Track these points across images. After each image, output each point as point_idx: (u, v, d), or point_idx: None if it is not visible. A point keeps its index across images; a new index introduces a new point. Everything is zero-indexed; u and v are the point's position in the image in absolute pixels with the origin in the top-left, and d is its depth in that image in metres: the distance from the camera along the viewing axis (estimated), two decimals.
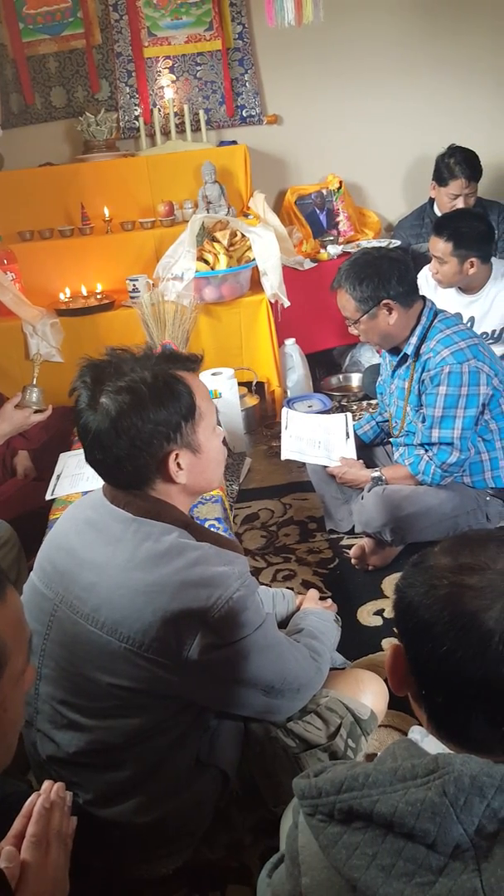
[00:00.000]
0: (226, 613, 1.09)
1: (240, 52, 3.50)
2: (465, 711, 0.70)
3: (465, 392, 2.00)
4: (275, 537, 2.44)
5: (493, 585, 0.71)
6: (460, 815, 0.64)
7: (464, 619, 0.70)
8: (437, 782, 0.65)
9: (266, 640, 1.17)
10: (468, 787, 0.64)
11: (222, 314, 3.18)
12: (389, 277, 2.01)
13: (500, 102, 3.69)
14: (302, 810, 0.74)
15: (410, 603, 0.75)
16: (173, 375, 1.18)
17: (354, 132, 3.64)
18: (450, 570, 0.74)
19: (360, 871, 0.66)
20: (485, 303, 2.74)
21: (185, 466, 1.19)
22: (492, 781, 0.64)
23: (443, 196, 3.23)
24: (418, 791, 0.66)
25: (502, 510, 2.20)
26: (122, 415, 1.13)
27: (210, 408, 1.25)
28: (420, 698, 0.76)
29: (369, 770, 0.70)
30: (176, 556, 1.12)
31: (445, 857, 0.64)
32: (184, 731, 1.19)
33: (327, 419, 2.49)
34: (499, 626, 0.68)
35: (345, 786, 0.70)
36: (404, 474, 2.15)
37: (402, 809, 0.65)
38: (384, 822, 0.66)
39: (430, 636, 0.71)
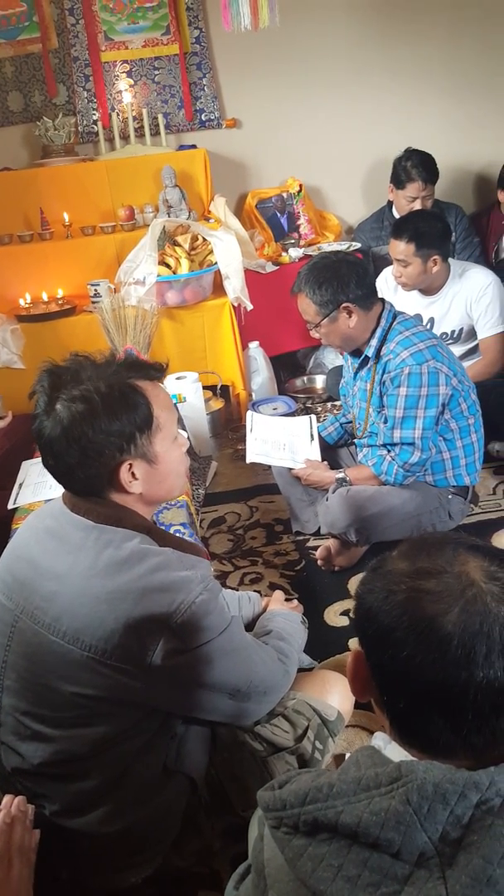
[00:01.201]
0: (188, 618, 1.09)
1: (197, 57, 3.50)
2: (425, 716, 0.70)
3: (425, 393, 2.03)
4: (241, 540, 2.45)
5: (450, 589, 0.71)
6: (424, 822, 0.64)
7: (423, 624, 0.69)
8: (401, 791, 0.65)
9: (231, 644, 1.17)
10: (431, 794, 0.64)
11: (185, 318, 3.18)
12: (348, 281, 2.03)
13: (455, 105, 3.75)
14: (266, 823, 0.74)
15: (370, 609, 0.74)
16: (131, 385, 1.17)
17: (313, 135, 3.67)
18: (407, 574, 0.74)
19: (326, 883, 0.66)
20: (444, 304, 2.78)
21: (141, 476, 1.19)
22: (455, 788, 0.64)
23: (401, 199, 3.28)
24: (382, 800, 0.66)
25: (464, 508, 2.24)
26: (73, 423, 1.13)
27: (170, 418, 1.25)
28: (382, 703, 0.76)
29: (333, 780, 0.70)
30: (137, 563, 1.12)
31: (410, 866, 0.64)
32: (150, 739, 1.19)
33: (292, 421, 2.51)
34: (457, 629, 0.68)
35: (309, 797, 0.70)
36: (368, 475, 2.17)
37: (366, 819, 0.65)
38: (349, 832, 0.66)
39: (390, 642, 0.71)
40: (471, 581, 0.71)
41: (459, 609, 0.69)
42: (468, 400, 2.13)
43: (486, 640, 0.68)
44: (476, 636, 0.68)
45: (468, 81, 3.73)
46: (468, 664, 0.67)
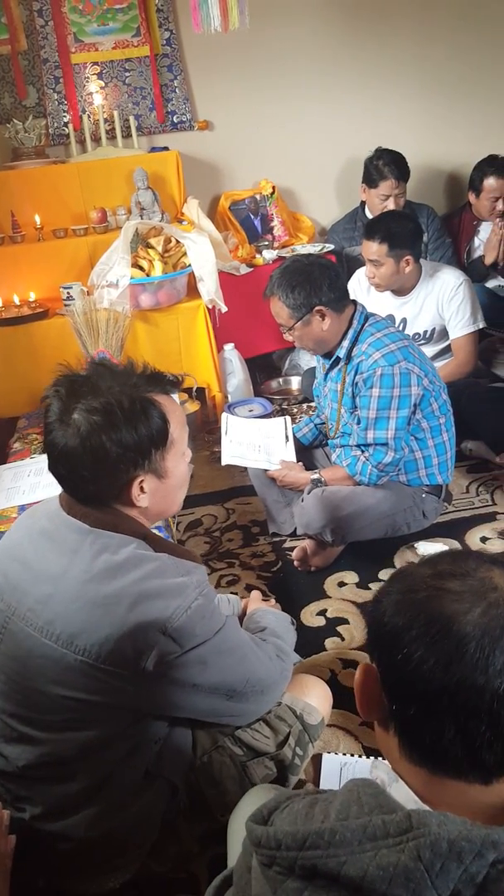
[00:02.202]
0: (184, 623, 1.10)
1: (168, 58, 3.49)
2: (437, 724, 0.66)
3: (398, 393, 2.04)
4: (218, 543, 2.45)
5: (474, 590, 0.68)
6: (435, 881, 0.59)
7: (440, 623, 0.66)
8: (412, 844, 0.61)
9: (227, 644, 1.18)
10: (446, 852, 0.60)
11: (160, 321, 3.17)
12: (321, 284, 2.04)
13: (425, 107, 3.78)
14: (256, 858, 0.69)
15: (385, 611, 0.71)
16: (150, 400, 1.16)
17: (285, 137, 3.68)
18: (429, 576, 0.71)
19: None
20: (415, 304, 2.81)
21: (149, 491, 1.19)
22: (471, 847, 0.60)
23: (373, 198, 3.31)
24: (390, 854, 0.61)
25: (438, 506, 2.27)
26: (91, 434, 1.11)
27: (183, 434, 1.24)
28: (390, 716, 0.71)
29: (335, 826, 0.64)
30: (133, 568, 1.12)
31: None
32: (136, 743, 1.19)
33: (267, 423, 2.52)
34: (476, 631, 0.65)
35: (308, 842, 0.64)
36: (342, 475, 2.18)
37: (372, 874, 0.60)
38: (352, 885, 0.61)
39: (405, 641, 0.67)
40: (494, 585, 0.68)
41: (481, 611, 0.66)
42: (439, 400, 2.16)
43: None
44: (497, 641, 0.64)
45: (439, 83, 3.76)
46: (486, 668, 0.64)
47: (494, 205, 3.32)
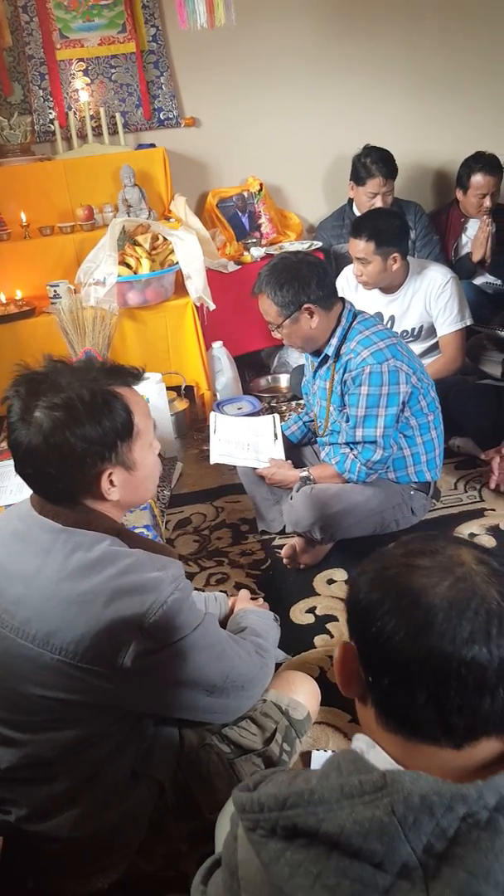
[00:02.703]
0: (161, 618, 1.09)
1: (154, 55, 3.48)
2: (409, 692, 0.69)
3: (386, 391, 2.04)
4: (207, 541, 2.45)
5: (442, 566, 0.72)
6: (409, 834, 0.62)
7: (410, 596, 0.70)
8: (386, 801, 0.64)
9: (205, 640, 1.17)
10: (418, 806, 0.63)
11: (147, 319, 3.16)
12: (309, 281, 2.04)
13: (413, 104, 3.79)
14: (241, 824, 0.72)
15: (360, 588, 0.75)
16: (112, 392, 1.16)
17: (273, 134, 3.68)
18: (401, 555, 0.75)
19: (304, 890, 0.65)
20: (403, 301, 2.81)
21: (119, 484, 1.18)
22: (441, 801, 0.63)
23: (361, 195, 3.31)
24: (366, 809, 0.64)
25: (426, 503, 2.27)
26: (55, 431, 1.11)
27: (148, 424, 1.24)
28: (367, 689, 0.75)
29: (314, 786, 0.68)
30: (108, 565, 1.11)
31: (392, 877, 0.63)
32: (120, 742, 1.19)
33: (255, 421, 2.51)
34: (444, 603, 0.68)
35: (289, 802, 0.68)
36: (331, 473, 2.18)
37: (349, 829, 0.64)
38: (330, 840, 0.65)
39: (378, 615, 0.71)
40: (462, 561, 0.72)
41: (449, 584, 0.70)
42: (427, 397, 2.16)
43: (473, 617, 0.68)
44: (463, 612, 0.68)
45: (426, 80, 3.77)
46: (453, 638, 0.67)
47: (482, 202, 3.32)
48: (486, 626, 0.67)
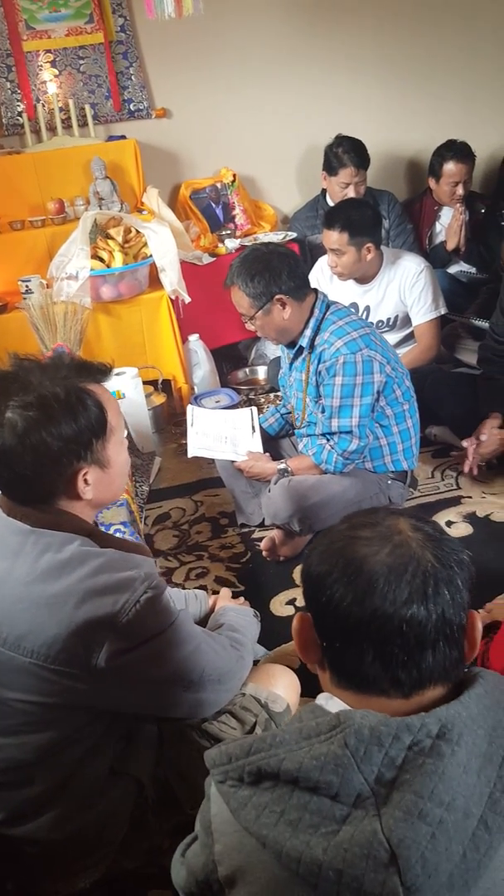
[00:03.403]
0: (134, 617, 1.08)
1: (123, 45, 3.43)
2: (357, 651, 0.74)
3: (360, 381, 2.05)
4: (187, 536, 2.44)
5: (381, 535, 0.78)
6: (361, 765, 0.68)
7: (354, 565, 0.75)
8: (339, 736, 0.69)
9: (180, 636, 1.16)
10: (367, 737, 0.68)
11: (122, 312, 3.14)
12: (280, 272, 2.03)
13: (384, 93, 3.77)
14: (213, 780, 0.77)
15: (311, 562, 0.81)
16: (84, 390, 1.14)
17: (244, 124, 3.65)
18: (345, 528, 0.81)
19: (269, 828, 0.70)
20: (378, 291, 2.81)
21: (93, 482, 1.17)
22: (388, 731, 0.68)
23: (334, 185, 3.30)
24: (322, 746, 0.70)
25: (403, 492, 2.28)
26: (29, 431, 1.09)
27: (120, 421, 1.23)
28: (322, 653, 0.80)
29: (276, 732, 0.74)
30: (79, 565, 1.10)
31: (348, 807, 0.68)
32: (97, 742, 1.18)
33: (233, 414, 2.50)
34: (384, 568, 0.74)
35: (253, 748, 0.74)
36: (308, 464, 2.18)
37: (307, 764, 0.69)
38: (290, 778, 0.70)
39: (327, 584, 0.76)
40: (399, 530, 0.78)
41: (388, 551, 0.76)
42: (402, 386, 2.16)
43: (411, 579, 0.74)
44: (402, 575, 0.74)
45: (397, 69, 3.75)
46: (394, 600, 0.73)
47: (454, 190, 3.33)
48: (423, 586, 0.74)
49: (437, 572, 0.74)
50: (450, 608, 0.74)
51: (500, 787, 0.68)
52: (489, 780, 0.68)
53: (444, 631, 0.74)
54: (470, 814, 0.66)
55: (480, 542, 2.20)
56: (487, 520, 2.30)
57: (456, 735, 0.68)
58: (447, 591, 0.74)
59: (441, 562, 0.75)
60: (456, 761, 0.67)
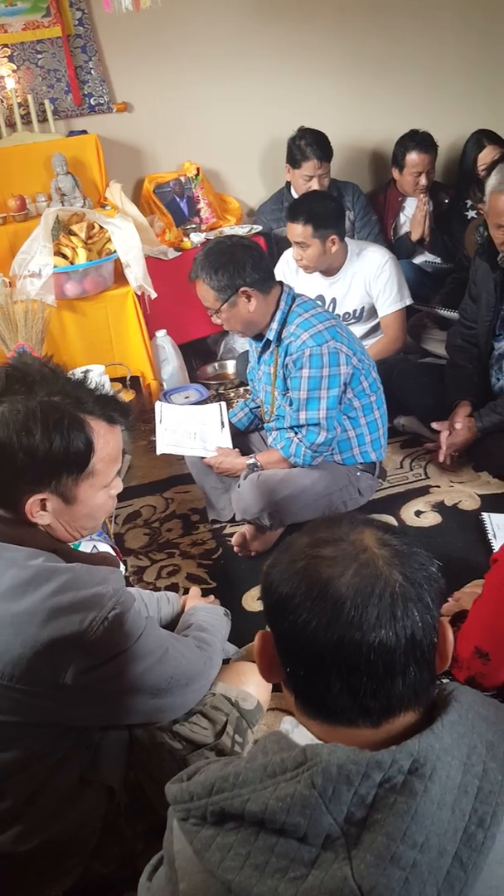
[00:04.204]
0: (102, 634, 1.06)
1: (82, 39, 3.38)
2: (323, 681, 0.70)
3: (327, 373, 2.04)
4: (158, 533, 2.42)
5: (345, 554, 0.73)
6: (329, 805, 0.64)
7: (318, 588, 0.71)
8: (306, 775, 0.66)
9: (147, 647, 1.14)
10: (336, 776, 0.65)
11: (87, 309, 3.10)
12: (244, 264, 2.02)
13: (345, 84, 3.76)
14: (175, 815, 0.73)
15: (272, 581, 0.76)
16: (81, 421, 1.09)
17: (207, 117, 3.62)
18: (307, 545, 0.76)
19: (234, 872, 0.66)
20: (344, 283, 2.81)
21: (52, 511, 1.13)
22: (358, 769, 0.65)
23: (298, 178, 3.29)
24: (288, 786, 0.66)
25: (373, 483, 2.29)
26: (5, 427, 1.06)
27: (109, 469, 1.17)
28: (286, 677, 0.76)
29: (240, 769, 0.70)
30: (44, 582, 1.06)
31: (317, 849, 0.65)
32: (65, 754, 1.16)
33: (202, 409, 2.49)
34: (350, 591, 0.70)
35: (215, 787, 0.70)
36: (277, 458, 2.18)
37: (272, 806, 0.65)
38: (255, 820, 0.66)
39: (290, 608, 0.72)
40: (364, 547, 0.73)
41: (353, 572, 0.71)
42: (369, 378, 2.17)
43: (378, 602, 0.69)
44: (368, 598, 0.69)
45: (358, 60, 3.75)
46: (361, 625, 0.68)
47: (417, 180, 3.34)
48: (392, 608, 0.69)
49: (406, 592, 0.70)
50: (419, 630, 0.70)
51: (474, 821, 0.65)
52: (464, 813, 0.65)
53: (414, 654, 0.70)
54: (444, 852, 0.63)
55: (449, 531, 2.21)
56: (455, 508, 2.31)
57: (429, 770, 0.65)
58: (416, 611, 0.70)
59: (409, 580, 0.71)
60: (429, 798, 0.64)
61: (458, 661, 1.34)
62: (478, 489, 2.38)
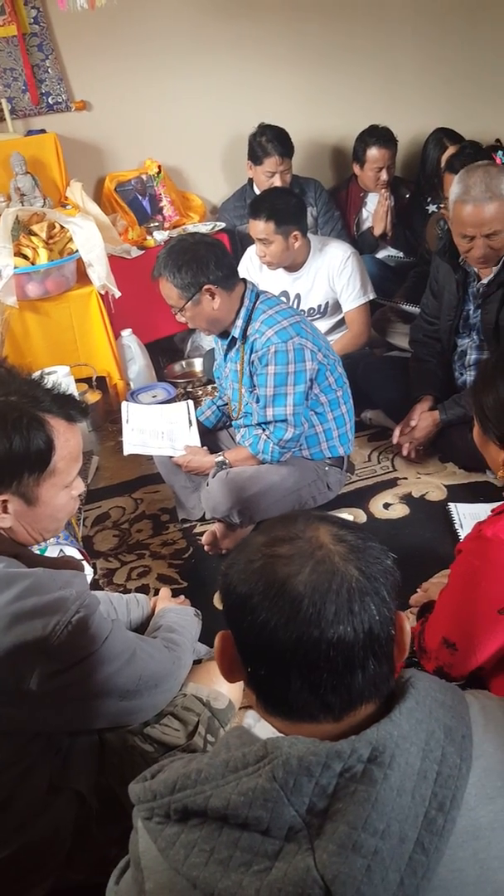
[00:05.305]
0: (66, 639, 1.04)
1: (38, 38, 3.33)
2: (284, 679, 0.70)
3: (293, 369, 2.05)
4: (127, 535, 2.40)
5: (301, 552, 0.73)
6: (291, 797, 0.65)
7: (276, 587, 0.71)
8: (267, 768, 0.66)
9: (114, 650, 1.13)
10: (296, 768, 0.65)
11: (51, 310, 3.06)
12: (207, 262, 2.01)
13: (304, 80, 3.76)
14: (139, 815, 0.73)
15: (230, 581, 0.75)
16: (41, 420, 1.09)
17: (167, 115, 3.60)
18: (264, 544, 0.76)
19: (199, 868, 0.66)
20: (308, 279, 2.82)
21: (13, 513, 1.12)
22: (318, 759, 0.65)
23: (260, 175, 3.29)
24: (249, 780, 0.66)
25: (341, 477, 2.30)
26: None
27: (71, 468, 1.17)
28: (248, 677, 0.76)
29: (202, 766, 0.70)
30: (4, 588, 1.05)
31: (280, 841, 0.65)
32: (32, 762, 1.14)
33: (169, 408, 2.47)
34: (307, 589, 0.70)
35: (178, 785, 0.70)
36: (246, 455, 2.18)
37: (234, 801, 0.66)
38: (218, 815, 0.66)
39: (248, 608, 0.71)
40: (320, 543, 0.74)
41: (310, 569, 0.71)
42: (335, 373, 2.17)
43: (335, 598, 0.69)
44: (325, 594, 0.69)
45: (315, 56, 3.75)
46: (319, 622, 0.69)
47: (378, 175, 3.36)
48: (349, 603, 0.70)
49: (362, 586, 0.71)
50: (377, 623, 0.70)
51: (434, 805, 0.65)
52: (424, 798, 0.65)
53: (373, 648, 0.70)
54: (406, 838, 0.64)
55: (417, 522, 2.23)
56: (423, 500, 2.34)
57: (388, 757, 0.66)
58: (373, 604, 0.70)
59: (365, 574, 0.72)
60: (389, 785, 0.65)
61: (426, 651, 1.35)
62: (444, 480, 2.41)
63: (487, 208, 2.04)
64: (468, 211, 2.06)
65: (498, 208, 2.05)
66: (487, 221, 2.06)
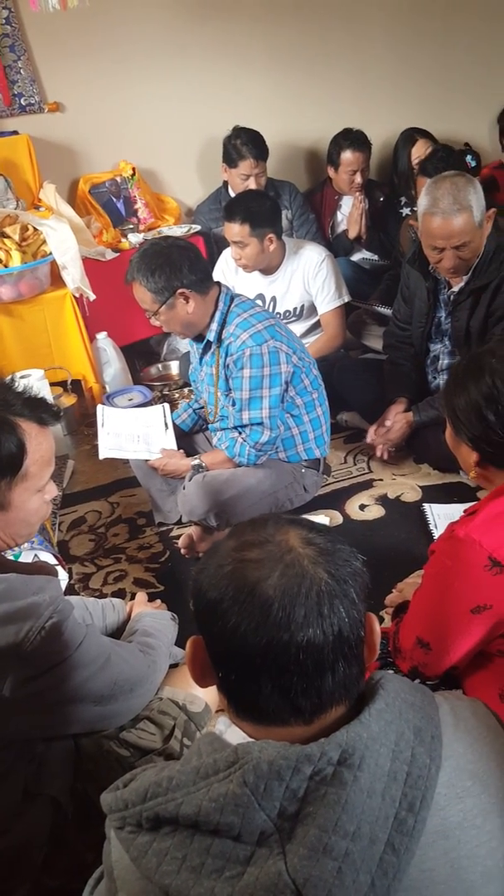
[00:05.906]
0: (39, 644, 1.04)
1: (9, 38, 3.31)
2: (254, 683, 0.71)
3: (268, 372, 2.05)
4: (104, 539, 2.39)
5: (271, 556, 0.73)
6: (262, 801, 0.65)
7: (246, 591, 0.71)
8: (237, 773, 0.66)
9: (89, 655, 1.13)
10: (266, 772, 0.65)
11: (24, 313, 3.04)
12: (181, 266, 2.01)
13: (277, 83, 3.76)
14: (111, 825, 0.73)
15: (201, 586, 0.75)
16: (11, 424, 1.09)
17: (141, 117, 3.59)
18: (234, 549, 0.76)
19: (171, 876, 0.66)
20: (283, 282, 2.83)
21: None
22: (288, 763, 0.65)
23: (235, 177, 3.29)
24: (220, 786, 0.66)
25: (318, 480, 2.31)
26: None
27: (42, 471, 1.16)
28: (219, 682, 0.76)
29: (173, 773, 0.70)
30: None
31: (252, 846, 0.65)
32: (7, 769, 1.13)
33: (145, 412, 2.47)
34: (277, 592, 0.70)
35: (149, 793, 0.69)
36: (222, 458, 2.18)
37: (205, 807, 0.65)
38: (190, 822, 0.66)
39: (218, 613, 0.71)
40: (289, 547, 0.74)
41: (279, 573, 0.71)
42: (310, 375, 2.18)
43: (305, 601, 0.70)
44: (295, 598, 0.70)
45: (289, 59, 3.76)
46: (289, 625, 0.69)
47: (353, 178, 3.38)
48: (318, 606, 0.70)
49: (332, 589, 0.71)
50: (346, 626, 0.71)
51: (404, 806, 0.66)
52: (394, 799, 0.66)
53: (342, 650, 0.71)
54: (376, 839, 0.64)
55: (392, 523, 2.25)
56: (398, 501, 2.35)
57: (357, 759, 0.66)
58: (342, 607, 0.71)
59: (334, 577, 0.72)
60: (358, 787, 0.65)
61: (401, 651, 1.36)
62: (419, 481, 2.43)
63: (456, 220, 2.06)
64: (437, 223, 2.08)
65: (466, 220, 2.06)
66: (456, 233, 2.08)
